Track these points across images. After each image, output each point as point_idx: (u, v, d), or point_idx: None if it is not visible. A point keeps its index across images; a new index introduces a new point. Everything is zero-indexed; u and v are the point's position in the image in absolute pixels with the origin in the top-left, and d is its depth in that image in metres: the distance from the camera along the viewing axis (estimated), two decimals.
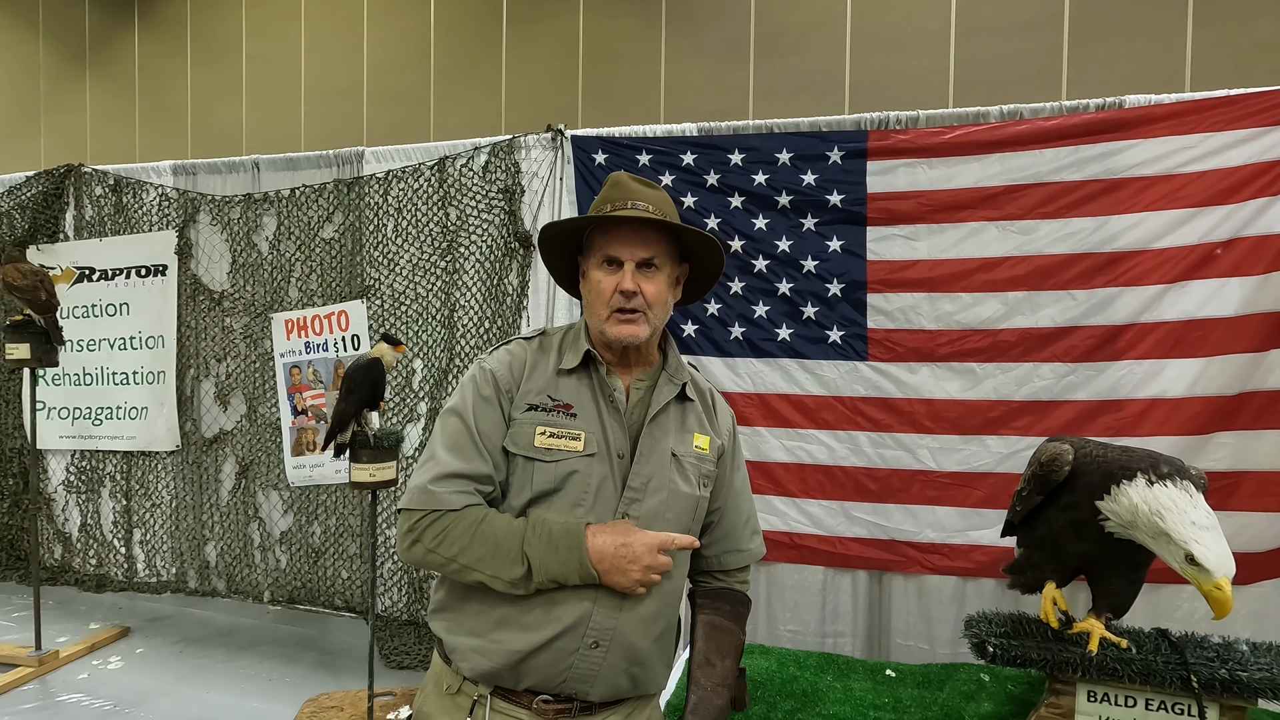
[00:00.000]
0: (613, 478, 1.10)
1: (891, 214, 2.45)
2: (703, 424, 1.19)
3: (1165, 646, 1.19)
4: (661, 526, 1.10)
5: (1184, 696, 1.14)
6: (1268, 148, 2.13)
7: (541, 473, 1.08)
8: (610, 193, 1.14)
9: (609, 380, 1.14)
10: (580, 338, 1.17)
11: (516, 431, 1.10)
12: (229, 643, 3.05)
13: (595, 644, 1.07)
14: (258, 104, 5.68)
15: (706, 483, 1.17)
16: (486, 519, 1.06)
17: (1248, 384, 2.16)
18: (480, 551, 1.04)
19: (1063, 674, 1.19)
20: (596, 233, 1.14)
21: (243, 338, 3.16)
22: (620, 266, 1.11)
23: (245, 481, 3.17)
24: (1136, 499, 1.09)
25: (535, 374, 1.14)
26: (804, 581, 2.53)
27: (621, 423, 1.12)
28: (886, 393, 2.45)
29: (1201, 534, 1.04)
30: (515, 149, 2.82)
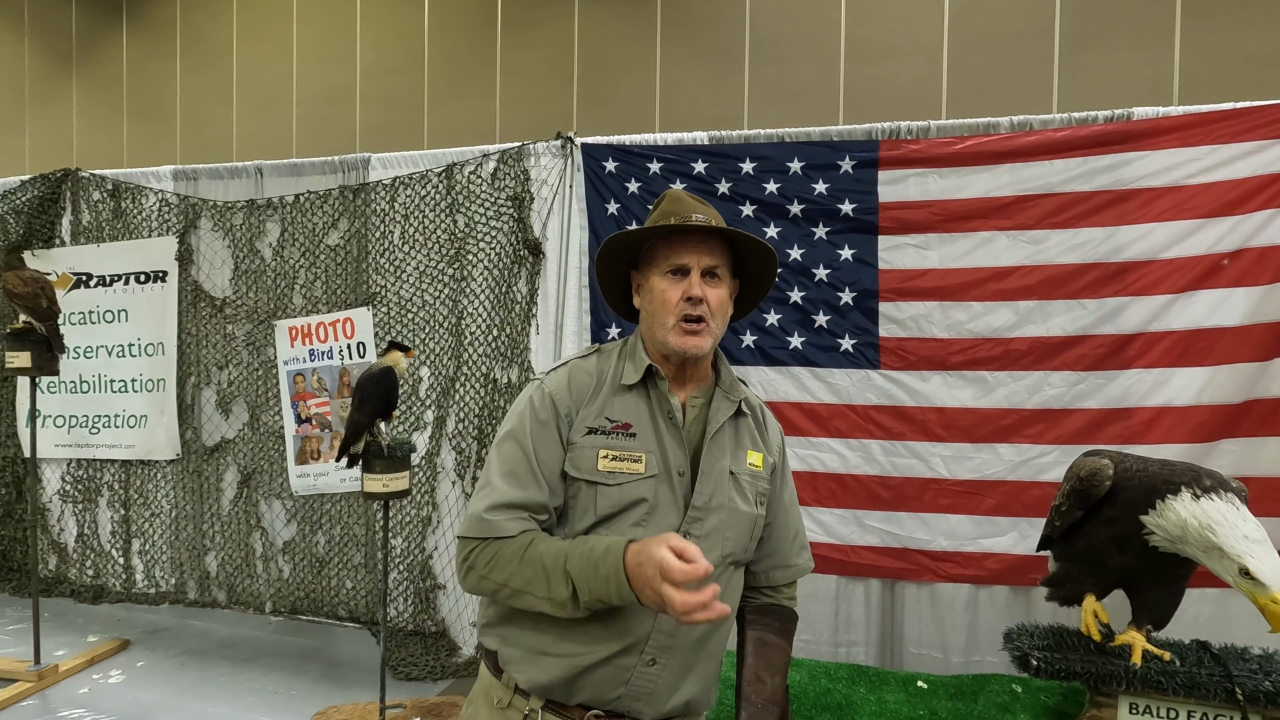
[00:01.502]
0: (674, 497, 1.10)
1: (903, 223, 2.47)
2: (755, 441, 1.20)
3: (1208, 659, 1.21)
4: (721, 545, 1.11)
5: (1226, 708, 1.16)
6: (1273, 160, 2.18)
7: (605, 496, 1.08)
8: (671, 206, 1.15)
9: (669, 397, 1.13)
10: (639, 352, 1.16)
11: (578, 456, 1.10)
12: (231, 655, 3.00)
13: (653, 661, 1.07)
14: (249, 107, 5.61)
15: (763, 500, 1.17)
16: (534, 542, 1.05)
17: (1252, 392, 2.20)
18: (528, 575, 1.03)
19: (1106, 686, 1.21)
20: (660, 244, 1.14)
21: (245, 345, 3.11)
22: (685, 276, 1.12)
23: (247, 490, 3.13)
24: (1185, 513, 1.11)
25: (594, 396, 1.13)
26: (817, 590, 2.54)
27: (680, 441, 1.12)
28: (898, 401, 2.47)
29: (1255, 548, 1.05)
30: (524, 156, 2.82)
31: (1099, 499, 1.21)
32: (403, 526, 2.92)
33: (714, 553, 1.11)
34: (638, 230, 1.16)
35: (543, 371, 1.19)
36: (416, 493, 2.87)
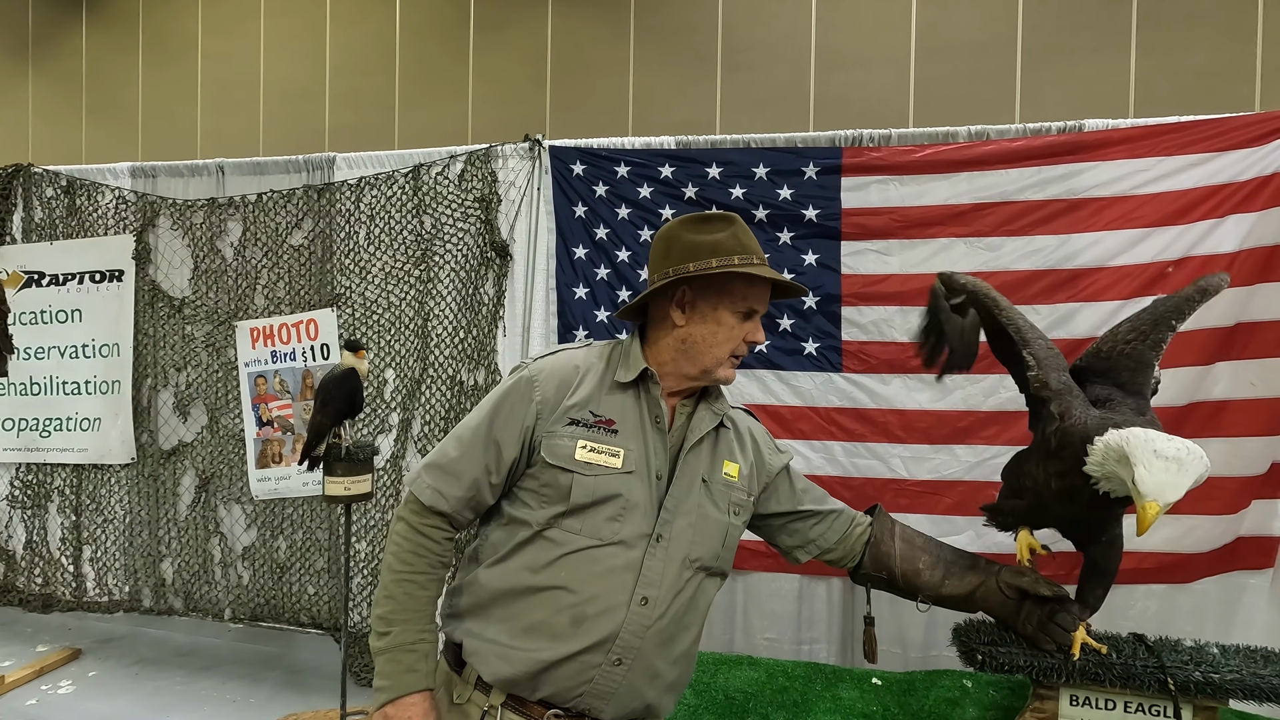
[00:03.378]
0: (650, 497, 1.12)
1: (865, 229, 2.52)
2: (733, 453, 1.22)
3: (1143, 651, 1.25)
4: (689, 548, 1.13)
5: (1160, 698, 1.21)
6: (1214, 172, 2.27)
7: (581, 485, 1.10)
8: (747, 240, 1.17)
9: (660, 401, 1.15)
10: (634, 355, 1.17)
11: (556, 444, 1.11)
12: (188, 663, 2.94)
13: (619, 661, 1.08)
14: (214, 104, 5.51)
15: (737, 510, 1.20)
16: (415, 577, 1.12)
17: (1195, 395, 2.28)
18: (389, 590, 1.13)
19: (1047, 679, 1.25)
20: (740, 281, 1.15)
21: (204, 346, 3.05)
22: (750, 318, 1.17)
23: (206, 495, 3.07)
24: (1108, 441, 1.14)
25: (580, 387, 1.15)
26: (780, 589, 2.57)
27: (664, 444, 1.14)
28: (860, 403, 2.51)
29: (1155, 461, 1.06)
30: (492, 158, 2.81)
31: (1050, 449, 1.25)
32: (367, 530, 2.88)
33: (683, 555, 1.12)
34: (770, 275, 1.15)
35: (533, 356, 1.21)
36: (381, 496, 2.84)
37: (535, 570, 1.09)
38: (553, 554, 1.09)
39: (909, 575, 1.30)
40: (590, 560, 1.08)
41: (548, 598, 1.08)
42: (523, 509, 1.13)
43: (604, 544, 1.09)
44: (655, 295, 1.18)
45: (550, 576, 1.09)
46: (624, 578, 1.08)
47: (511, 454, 1.12)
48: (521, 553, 1.11)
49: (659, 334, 1.18)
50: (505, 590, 1.11)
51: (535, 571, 1.09)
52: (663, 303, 1.18)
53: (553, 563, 1.09)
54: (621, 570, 1.09)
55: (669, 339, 1.17)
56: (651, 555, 1.10)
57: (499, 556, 1.13)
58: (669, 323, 1.17)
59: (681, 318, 1.16)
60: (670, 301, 1.17)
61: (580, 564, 1.08)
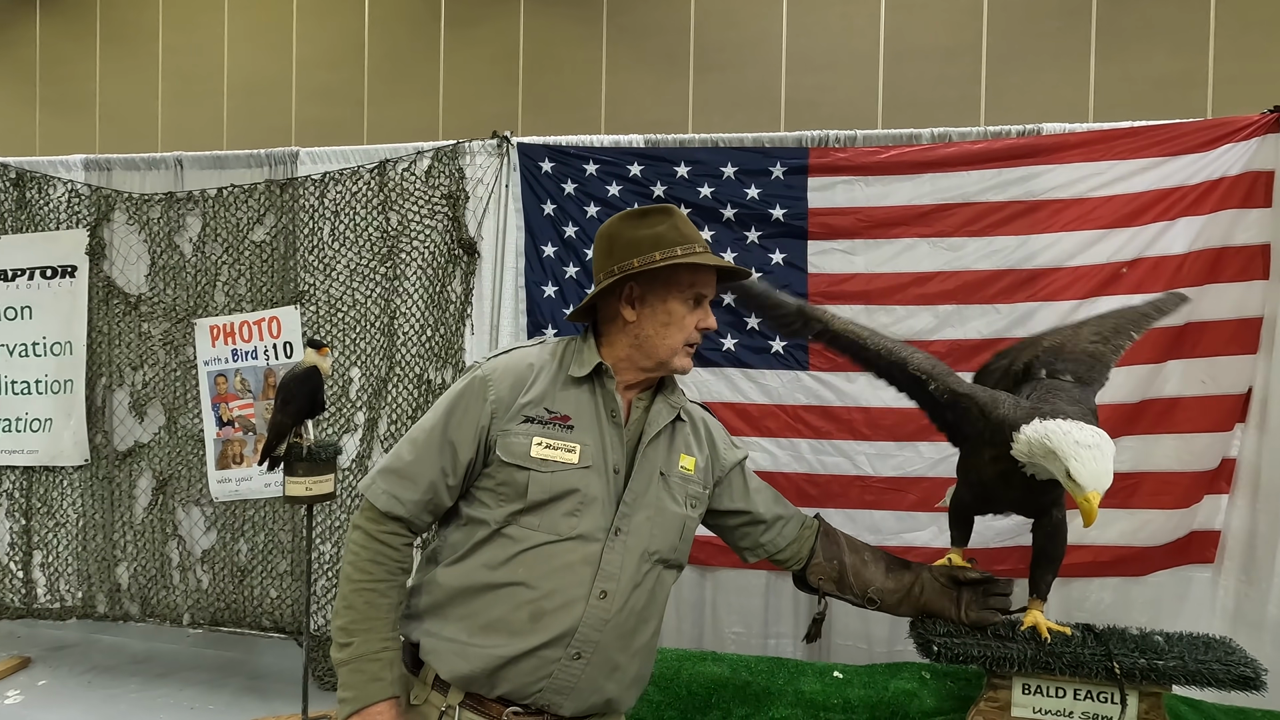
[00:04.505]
0: (608, 491, 1.12)
1: (831, 229, 2.55)
2: (689, 446, 1.23)
3: (1091, 639, 1.29)
4: (648, 542, 1.13)
5: (1108, 685, 1.24)
6: (1164, 176, 2.33)
7: (537, 483, 1.10)
8: (688, 230, 1.18)
9: (615, 395, 1.16)
10: (590, 350, 1.17)
11: (511, 442, 1.11)
12: (144, 670, 2.86)
13: (578, 655, 1.08)
14: (175, 97, 5.37)
15: (694, 503, 1.21)
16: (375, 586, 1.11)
17: (1147, 392, 2.35)
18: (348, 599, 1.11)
19: (1001, 669, 1.28)
20: (684, 269, 1.16)
21: (162, 344, 2.98)
22: (700, 304, 1.18)
23: (163, 497, 2.99)
24: (1029, 433, 1.19)
25: (535, 385, 1.14)
26: (747, 584, 2.59)
27: (621, 438, 1.15)
28: (826, 401, 2.54)
29: (1082, 451, 1.12)
30: (460, 154, 2.78)
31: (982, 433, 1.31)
32: (331, 531, 2.83)
33: (642, 548, 1.13)
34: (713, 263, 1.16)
35: (486, 356, 1.21)
36: (345, 496, 2.79)
37: (493, 567, 1.09)
38: (511, 551, 1.09)
39: (857, 567, 1.33)
40: (548, 556, 1.08)
41: (506, 594, 1.08)
42: (480, 508, 1.12)
43: (562, 539, 1.09)
44: (604, 294, 1.18)
45: (508, 573, 1.08)
46: (582, 572, 1.09)
47: (467, 455, 1.12)
48: (480, 551, 1.11)
49: (611, 330, 1.19)
50: (463, 588, 1.10)
51: (493, 569, 1.09)
52: (611, 300, 1.18)
53: (511, 559, 1.08)
54: (580, 564, 1.09)
55: (622, 335, 1.17)
56: (610, 549, 1.10)
57: (457, 556, 1.12)
58: (620, 319, 1.17)
59: (632, 313, 1.17)
60: (619, 299, 1.17)
61: (538, 560, 1.08)
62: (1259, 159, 2.29)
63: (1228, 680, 1.21)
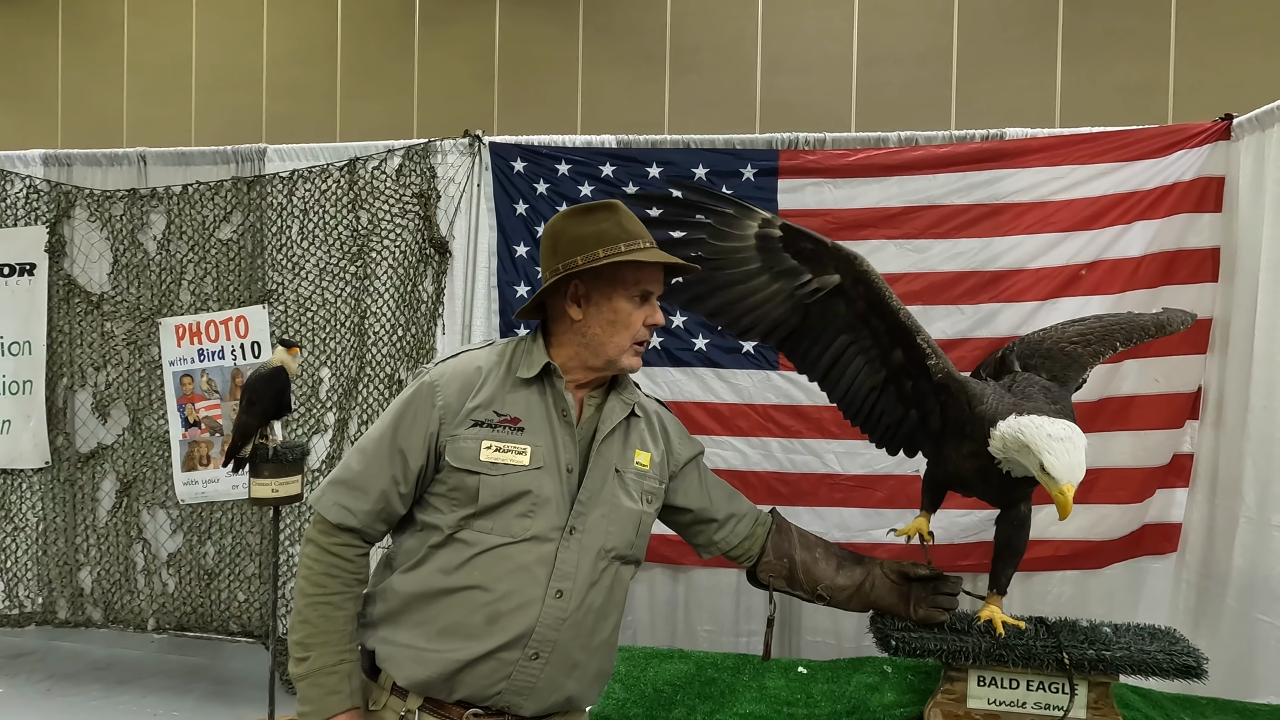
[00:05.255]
0: (561, 491, 1.12)
1: None
2: (645, 442, 1.23)
3: (1043, 632, 1.32)
4: (604, 539, 1.14)
5: (1059, 676, 1.28)
6: (1121, 181, 2.40)
7: (488, 486, 1.09)
8: (632, 225, 1.16)
9: (565, 395, 1.15)
10: (538, 350, 1.17)
11: (460, 447, 1.11)
12: (106, 677, 2.80)
13: (536, 655, 1.08)
14: (141, 91, 5.25)
15: (650, 499, 1.21)
16: (330, 598, 1.10)
17: (1105, 391, 2.42)
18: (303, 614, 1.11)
19: (957, 662, 1.31)
20: (629, 267, 1.15)
21: (126, 344, 2.92)
22: (647, 301, 1.17)
23: (127, 500, 2.93)
24: (1004, 429, 1.22)
25: (483, 388, 1.14)
26: (719, 583, 2.61)
27: (573, 437, 1.15)
28: (796, 400, 2.57)
29: (1055, 444, 1.15)
30: (431, 153, 2.77)
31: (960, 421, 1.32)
32: (300, 534, 2.80)
33: (598, 546, 1.13)
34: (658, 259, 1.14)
35: (434, 361, 1.20)
36: None
37: (448, 572, 1.09)
38: (465, 555, 1.09)
39: (807, 564, 1.33)
40: (503, 558, 1.08)
41: (462, 598, 1.08)
42: (433, 514, 1.12)
43: (516, 540, 1.09)
44: (550, 293, 1.18)
45: (463, 577, 1.08)
46: (538, 572, 1.09)
47: (418, 462, 1.12)
48: (435, 556, 1.11)
49: (559, 329, 1.19)
50: (419, 594, 1.10)
51: (448, 573, 1.09)
52: (558, 299, 1.18)
53: (465, 563, 1.08)
54: (535, 565, 1.09)
55: (570, 334, 1.17)
56: (565, 548, 1.11)
57: (413, 562, 1.12)
58: (567, 318, 1.17)
59: (578, 312, 1.16)
60: (565, 298, 1.17)
61: (493, 562, 1.08)
62: (1211, 165, 2.37)
63: (1171, 669, 1.25)
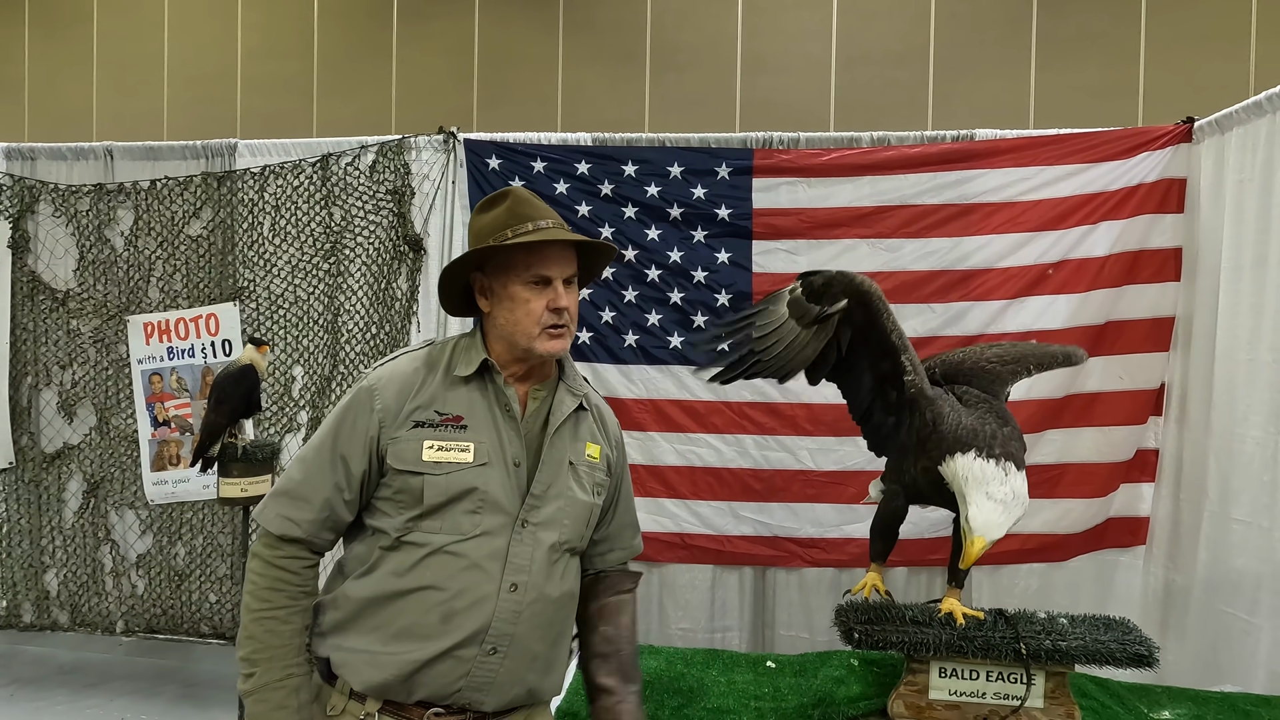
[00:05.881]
0: (510, 486, 1.12)
1: (775, 229, 2.60)
2: (594, 434, 1.23)
3: (1002, 623, 1.35)
4: (558, 532, 1.14)
5: (1017, 666, 1.31)
6: (1087, 182, 2.45)
7: (432, 486, 1.08)
8: (522, 209, 1.14)
9: (505, 390, 1.15)
10: (476, 347, 1.16)
11: (402, 449, 1.10)
12: (72, 681, 2.75)
13: (494, 650, 1.08)
14: (112, 85, 5.15)
15: (599, 490, 1.21)
16: (275, 613, 1.09)
17: (1071, 388, 2.46)
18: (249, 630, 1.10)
19: (919, 654, 1.33)
20: (518, 252, 1.12)
21: (93, 342, 2.87)
22: (548, 284, 1.13)
23: (94, 501, 2.88)
24: (956, 466, 1.26)
25: (423, 389, 1.13)
26: (694, 580, 2.63)
27: (518, 431, 1.14)
28: (770, 398, 2.59)
29: (987, 504, 1.21)
30: (405, 149, 2.75)
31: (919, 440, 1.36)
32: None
33: (552, 539, 1.13)
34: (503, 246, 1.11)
35: (375, 365, 1.20)
36: None
37: (400, 574, 1.08)
38: (416, 556, 1.08)
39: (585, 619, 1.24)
40: (454, 556, 1.08)
41: (416, 599, 1.07)
42: (381, 518, 1.12)
43: (467, 538, 1.09)
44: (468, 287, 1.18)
45: (416, 578, 1.08)
46: (490, 567, 1.08)
47: (360, 467, 1.11)
48: (386, 560, 1.10)
49: (486, 324, 1.18)
50: (373, 598, 1.09)
51: (401, 575, 1.08)
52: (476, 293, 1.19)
53: (417, 565, 1.08)
54: (487, 560, 1.09)
55: (491, 327, 1.17)
56: (518, 541, 1.11)
57: (365, 569, 1.12)
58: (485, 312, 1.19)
59: (486, 304, 1.16)
60: (476, 291, 1.18)
61: (444, 562, 1.08)
62: (1173, 167, 2.42)
63: (1124, 658, 1.28)
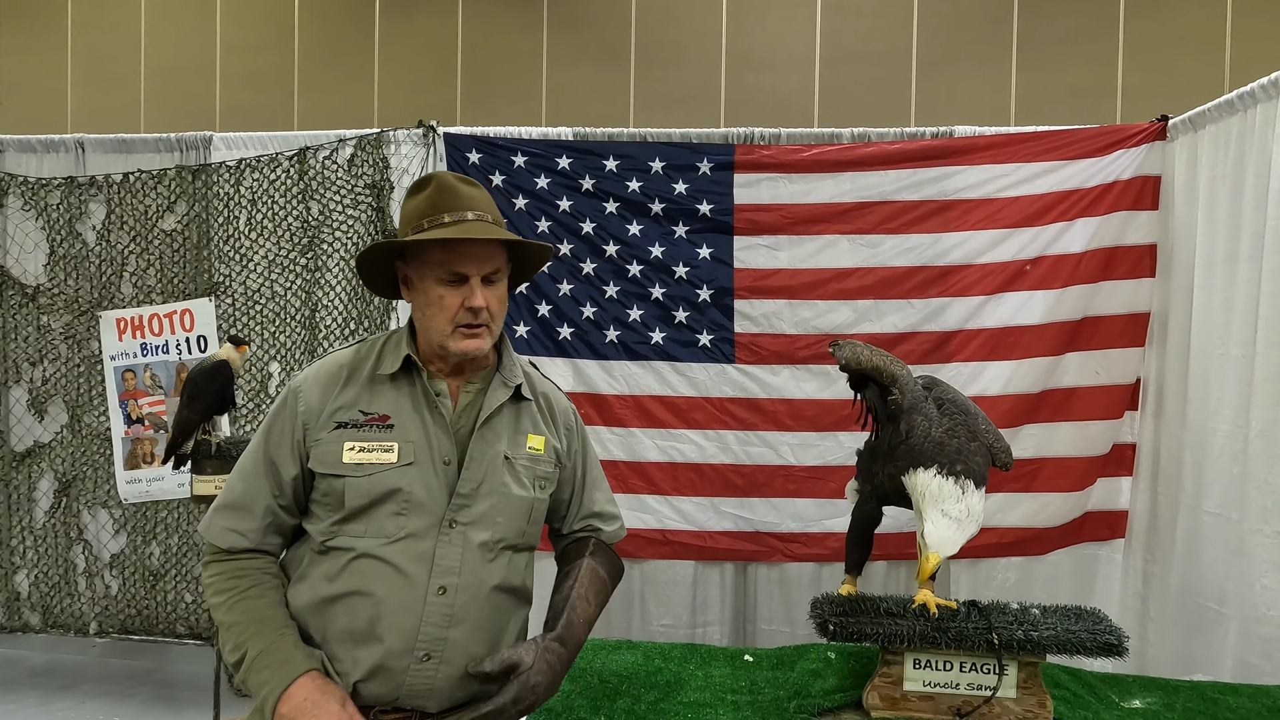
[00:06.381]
0: (438, 485, 1.07)
1: (756, 225, 2.60)
2: (537, 424, 1.18)
3: (975, 614, 1.36)
4: (493, 530, 1.09)
5: (990, 657, 1.32)
6: (1064, 179, 2.47)
7: (354, 489, 1.05)
8: (442, 199, 1.07)
9: (432, 386, 1.11)
10: (402, 343, 1.12)
11: (323, 451, 1.07)
12: (43, 684, 2.71)
13: (427, 656, 1.04)
14: (87, 78, 5.06)
15: (543, 484, 1.16)
16: (245, 594, 1.06)
17: (1048, 383, 2.49)
18: (225, 620, 1.06)
19: (893, 645, 1.34)
20: (433, 246, 1.06)
21: (63, 338, 2.82)
22: (464, 282, 1.07)
23: (66, 500, 2.83)
24: (915, 482, 1.29)
25: (346, 388, 1.10)
26: (676, 576, 2.62)
27: (447, 428, 1.09)
28: (751, 393, 2.59)
29: (941, 520, 1.24)
30: (384, 143, 2.72)
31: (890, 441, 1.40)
32: None
33: (484, 537, 1.08)
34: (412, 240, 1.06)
35: (299, 370, 1.17)
36: None
37: (331, 580, 1.06)
38: (342, 561, 1.06)
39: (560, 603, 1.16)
40: (379, 560, 1.05)
41: (345, 606, 1.05)
42: (313, 522, 1.10)
43: (392, 541, 1.05)
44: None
45: (344, 584, 1.05)
46: (417, 571, 1.05)
47: (290, 472, 1.09)
48: (317, 565, 1.08)
49: (414, 314, 1.14)
50: (308, 605, 1.07)
51: (331, 581, 1.06)
52: None
53: (344, 569, 1.05)
54: (413, 563, 1.05)
55: (415, 319, 1.13)
56: (445, 543, 1.06)
57: (299, 573, 1.10)
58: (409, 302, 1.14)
59: (407, 294, 1.12)
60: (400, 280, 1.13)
61: (370, 566, 1.05)
62: (1148, 164, 2.45)
63: (1094, 647, 1.30)
